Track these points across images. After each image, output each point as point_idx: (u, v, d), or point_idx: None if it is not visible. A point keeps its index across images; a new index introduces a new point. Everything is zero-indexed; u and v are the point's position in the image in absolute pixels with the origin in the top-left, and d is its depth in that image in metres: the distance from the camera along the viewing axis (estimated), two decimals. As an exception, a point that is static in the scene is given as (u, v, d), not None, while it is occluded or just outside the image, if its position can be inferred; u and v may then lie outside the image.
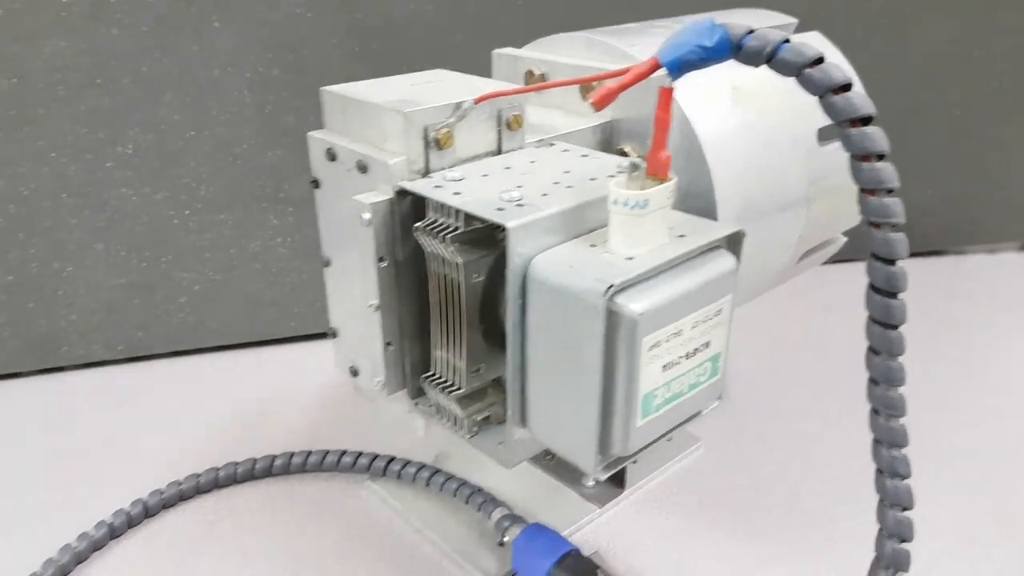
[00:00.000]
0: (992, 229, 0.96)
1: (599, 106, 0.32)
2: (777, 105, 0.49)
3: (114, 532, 0.52)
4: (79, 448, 0.62)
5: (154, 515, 0.54)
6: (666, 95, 0.32)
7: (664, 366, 0.33)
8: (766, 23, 0.57)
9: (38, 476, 0.59)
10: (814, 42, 0.57)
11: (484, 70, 0.53)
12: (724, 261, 0.35)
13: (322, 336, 0.79)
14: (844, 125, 0.30)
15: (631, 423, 0.33)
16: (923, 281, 0.88)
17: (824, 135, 0.52)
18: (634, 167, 0.32)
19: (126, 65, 0.69)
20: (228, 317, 0.77)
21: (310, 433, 0.64)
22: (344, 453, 0.57)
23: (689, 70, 0.32)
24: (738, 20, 0.56)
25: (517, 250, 0.33)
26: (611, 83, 0.32)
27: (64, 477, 0.59)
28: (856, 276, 0.33)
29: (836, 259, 0.63)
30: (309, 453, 0.58)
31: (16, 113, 0.68)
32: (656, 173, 0.33)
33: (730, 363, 0.70)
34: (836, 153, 0.52)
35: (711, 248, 0.35)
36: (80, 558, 0.50)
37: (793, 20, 0.59)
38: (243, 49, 0.70)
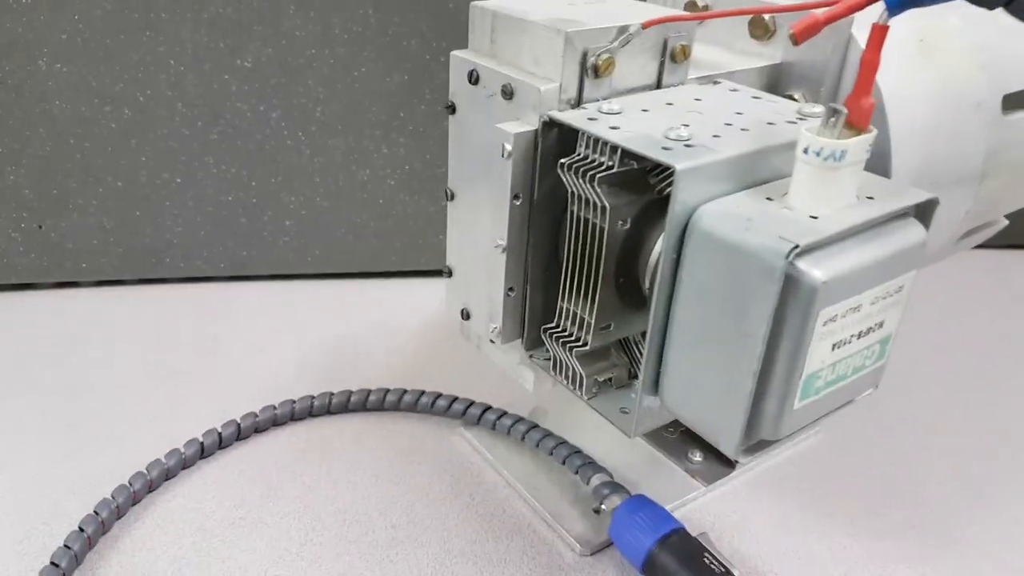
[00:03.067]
0: None
1: (801, 38, 0.28)
2: (966, 64, 0.43)
3: (204, 451, 0.51)
4: (175, 363, 0.62)
5: (245, 438, 0.54)
6: (879, 33, 0.28)
7: (835, 344, 0.29)
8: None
9: (134, 387, 0.59)
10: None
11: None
12: (913, 231, 0.30)
13: (423, 274, 0.78)
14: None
15: (787, 405, 0.30)
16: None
17: (1009, 103, 0.45)
18: (834, 112, 0.28)
19: (252, -27, 0.67)
20: (331, 245, 0.75)
21: (406, 370, 0.62)
22: (439, 396, 0.55)
23: (912, 6, 0.27)
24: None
25: (682, 197, 0.29)
26: (819, 13, 0.28)
27: (159, 391, 0.59)
28: (1004, 265, 0.28)
29: (983, 245, 0.57)
30: (404, 392, 0.56)
31: (139, 16, 0.67)
32: (855, 122, 0.28)
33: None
34: (1019, 124, 0.46)
35: (899, 216, 0.31)
36: (169, 475, 0.50)
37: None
38: (372, -35, 0.67)
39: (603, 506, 0.46)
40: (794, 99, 0.41)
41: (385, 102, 0.72)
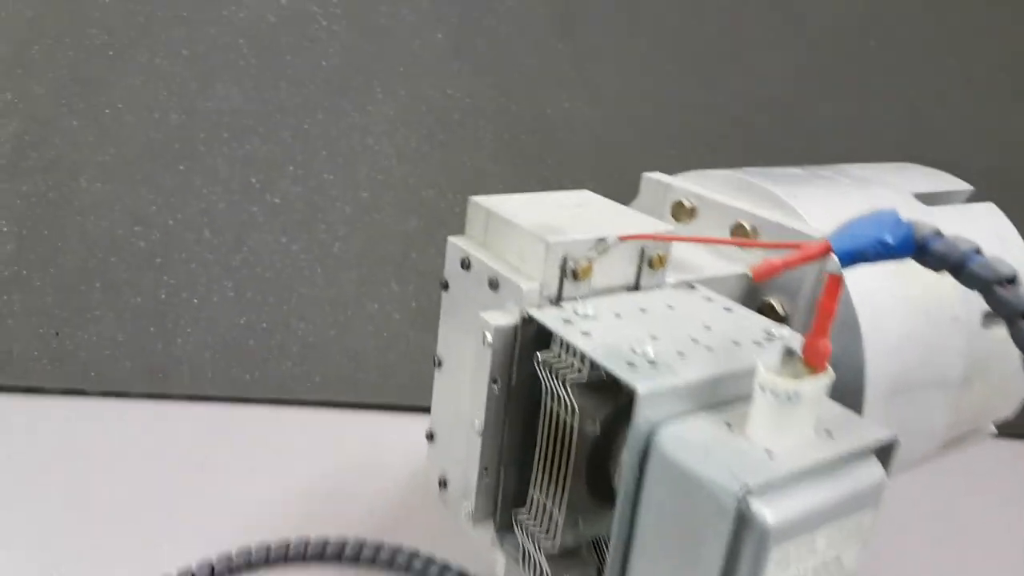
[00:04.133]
0: None
1: (759, 278, 0.30)
2: (939, 282, 0.45)
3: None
4: (166, 484, 0.63)
5: None
6: (834, 283, 0.29)
7: (788, 579, 0.29)
8: (937, 187, 0.53)
9: (121, 504, 0.60)
10: (989, 216, 0.52)
11: (628, 179, 0.51)
12: (871, 472, 0.31)
13: (419, 410, 0.79)
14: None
15: (740, 636, 0.29)
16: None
17: (989, 320, 0.47)
18: (789, 352, 0.29)
19: (288, 119, 0.72)
20: (333, 373, 0.77)
21: (391, 516, 0.62)
22: (415, 555, 0.55)
23: (863, 262, 0.29)
24: (907, 181, 0.52)
25: (644, 415, 0.30)
26: (776, 259, 0.29)
27: (146, 511, 0.60)
28: (1003, 455, 0.28)
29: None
30: (379, 547, 0.55)
31: (179, 147, 0.72)
32: (812, 363, 0.29)
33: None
34: (999, 338, 0.47)
35: (859, 454, 0.31)
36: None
37: (967, 187, 0.54)
38: (399, 122, 0.72)
39: None
40: (772, 306, 0.42)
41: (399, 242, 0.75)
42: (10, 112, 0.70)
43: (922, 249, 0.28)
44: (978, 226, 0.51)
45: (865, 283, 0.41)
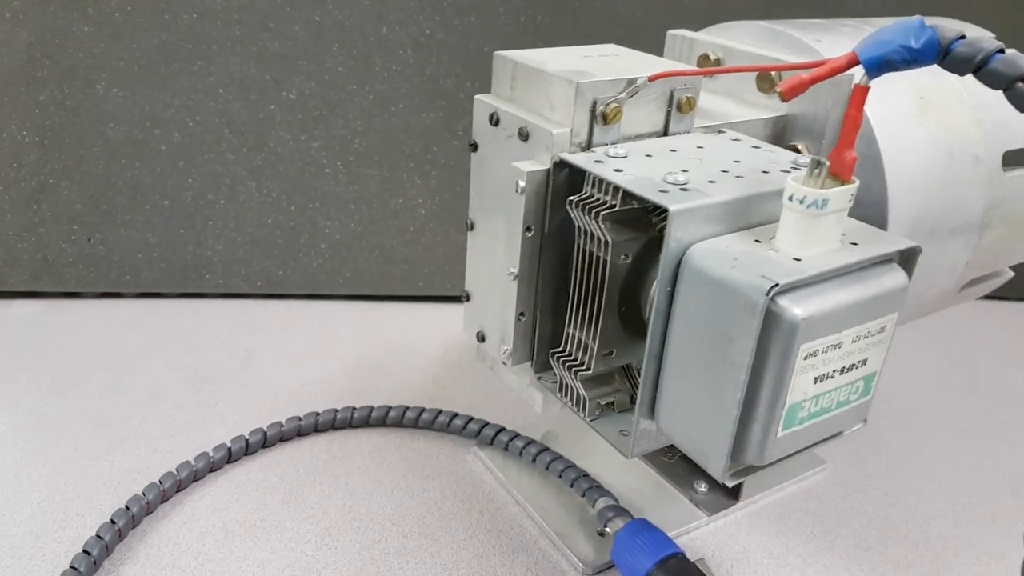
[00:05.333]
0: None
1: (788, 96, 0.31)
2: (964, 121, 0.45)
3: (232, 456, 0.55)
4: (209, 373, 0.66)
5: (271, 446, 0.57)
6: (860, 93, 0.30)
7: (816, 378, 0.31)
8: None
9: (169, 393, 0.63)
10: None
11: (656, 51, 0.51)
12: (895, 276, 0.32)
13: (447, 299, 0.81)
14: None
15: (771, 432, 0.32)
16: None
17: (1009, 160, 0.47)
18: (817, 163, 0.30)
19: (300, 12, 0.71)
20: (362, 268, 0.79)
21: (426, 390, 0.65)
22: (456, 415, 0.58)
23: (889, 70, 0.30)
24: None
25: (676, 235, 0.32)
26: (804, 74, 0.30)
27: (192, 398, 0.62)
28: (1014, 316, 0.30)
29: (996, 295, 0.59)
30: (423, 410, 0.58)
31: (192, 47, 0.72)
32: (839, 173, 0.31)
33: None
34: (1020, 180, 0.48)
35: (883, 261, 0.33)
36: (197, 476, 0.53)
37: (989, 35, 0.54)
38: (412, 9, 0.71)
39: (607, 528, 0.48)
40: (797, 149, 0.43)
41: (420, 137, 0.75)
42: (21, 22, 0.70)
43: (946, 52, 0.29)
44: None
45: (890, 122, 0.42)
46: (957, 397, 0.67)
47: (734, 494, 0.53)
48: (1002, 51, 0.28)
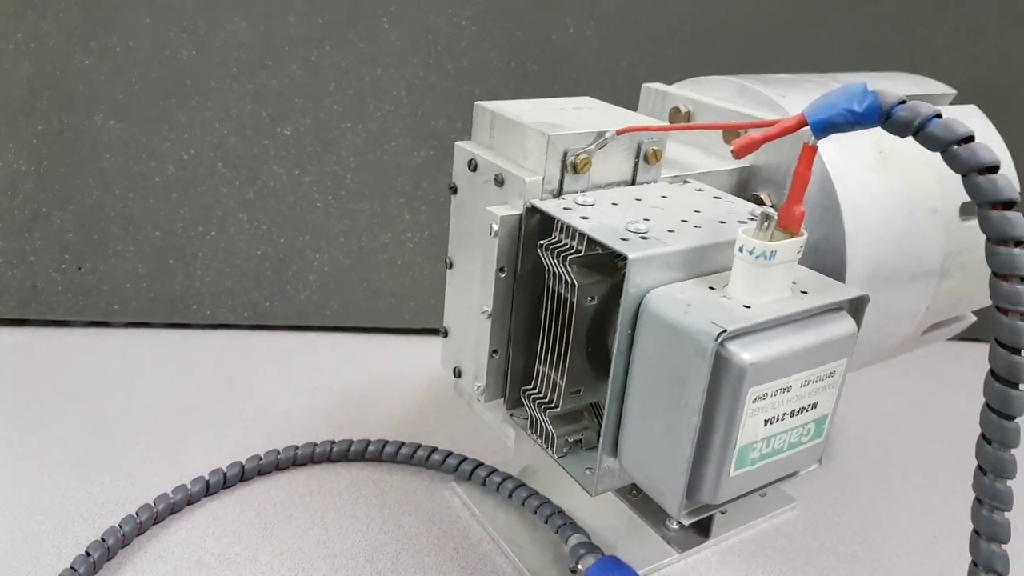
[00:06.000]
0: None
1: (740, 154, 0.32)
2: (921, 173, 0.48)
3: (209, 489, 0.55)
4: (191, 403, 0.67)
5: (249, 479, 0.57)
6: (809, 152, 0.32)
7: (767, 420, 0.33)
8: (923, 91, 0.55)
9: (149, 423, 0.64)
10: (969, 117, 0.55)
11: (630, 102, 0.53)
12: (844, 324, 0.34)
13: (433, 332, 0.82)
14: (984, 207, 0.29)
15: (724, 472, 0.33)
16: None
17: (966, 210, 0.49)
18: (766, 217, 0.32)
19: (297, 52, 0.74)
20: (349, 301, 0.81)
21: (406, 424, 0.66)
22: (434, 450, 0.59)
23: (835, 132, 0.32)
24: (895, 86, 0.55)
25: (635, 281, 0.34)
26: (755, 133, 0.32)
27: (173, 429, 0.63)
28: (984, 357, 0.32)
29: (966, 336, 0.60)
30: (401, 444, 0.60)
31: (191, 83, 0.74)
32: (788, 226, 0.32)
33: (841, 428, 0.68)
34: (976, 229, 0.50)
35: (832, 309, 0.34)
36: (174, 508, 0.53)
37: (951, 91, 0.56)
38: (406, 52, 0.74)
39: (579, 566, 0.49)
40: (760, 199, 0.45)
41: (411, 174, 0.78)
42: (22, 53, 0.73)
43: (888, 116, 0.31)
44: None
45: (850, 174, 0.44)
46: (927, 438, 0.68)
47: (704, 531, 0.54)
48: (939, 116, 0.30)
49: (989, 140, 0.54)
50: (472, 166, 0.43)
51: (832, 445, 0.67)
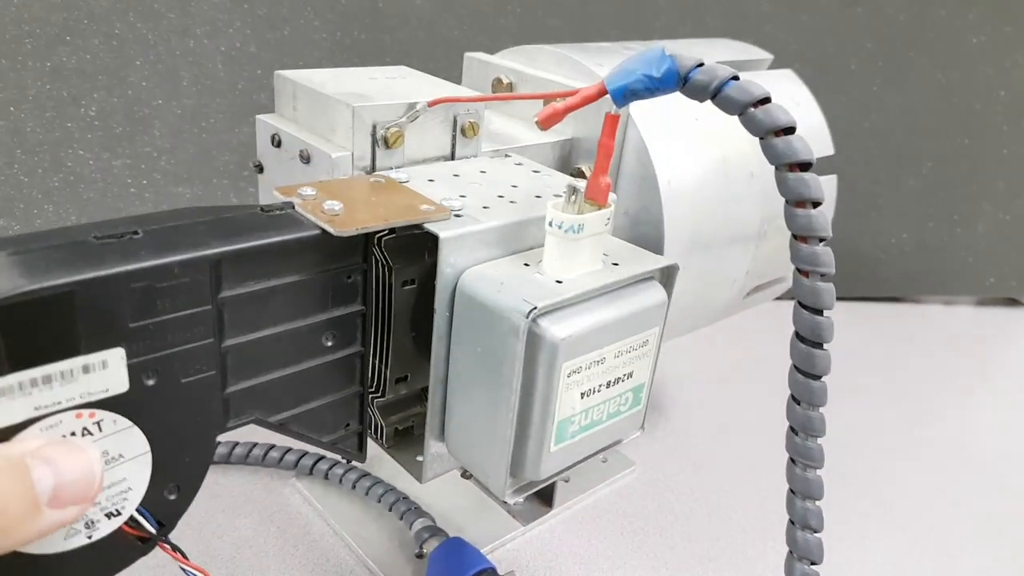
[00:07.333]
0: (950, 282, 0.97)
1: (545, 125, 0.32)
2: (738, 140, 0.49)
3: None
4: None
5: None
6: (611, 121, 0.32)
7: (583, 393, 0.33)
8: (739, 57, 0.57)
9: None
10: (786, 80, 0.57)
11: (459, 71, 0.52)
12: (654, 293, 0.34)
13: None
14: (782, 168, 0.29)
15: (544, 448, 0.33)
16: (880, 327, 0.89)
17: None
18: (572, 190, 0.31)
19: (98, 25, 0.67)
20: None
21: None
22: (272, 447, 0.56)
23: (635, 99, 0.31)
24: (713, 52, 0.56)
25: (449, 260, 0.33)
26: (558, 103, 0.32)
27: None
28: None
29: (785, 297, 0.64)
30: (235, 444, 0.56)
31: (-23, 62, 0.66)
32: (595, 198, 0.32)
33: (673, 390, 0.70)
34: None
35: (644, 279, 0.35)
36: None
37: (768, 56, 0.59)
38: (222, 22, 0.69)
39: (424, 550, 0.48)
40: (583, 171, 0.45)
41: (234, 153, 0.73)
42: None
43: (684, 80, 0.31)
44: (776, 90, 0.56)
45: (666, 144, 0.45)
46: (758, 396, 0.72)
47: (548, 501, 0.55)
48: (736, 78, 0.31)
49: (803, 103, 0.56)
50: (276, 141, 0.40)
51: (667, 408, 0.69)
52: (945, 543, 0.56)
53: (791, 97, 0.56)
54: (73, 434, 0.25)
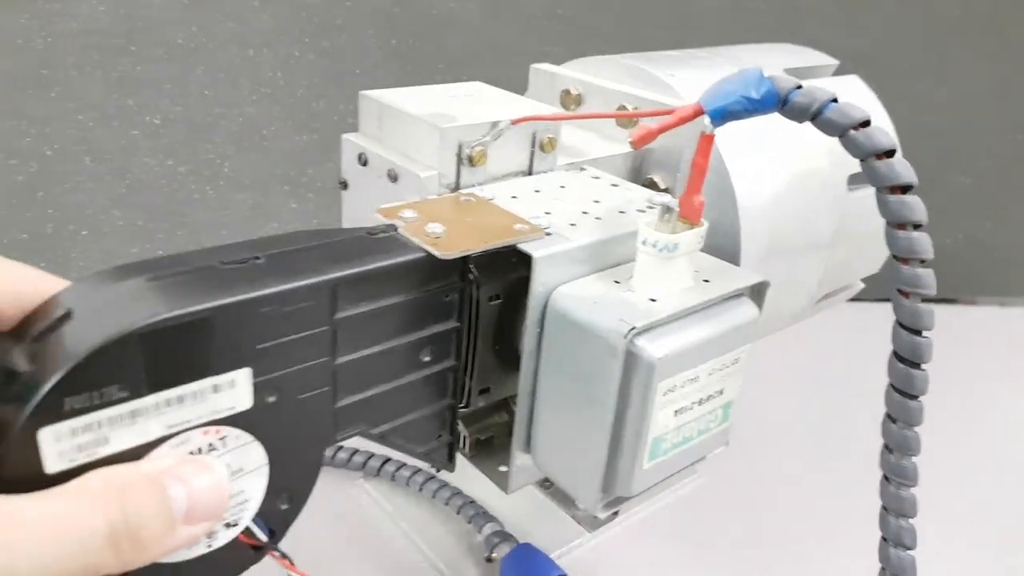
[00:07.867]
0: (1005, 282, 0.95)
1: (638, 145, 0.32)
2: (811, 148, 0.49)
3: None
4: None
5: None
6: (706, 142, 0.32)
7: (676, 411, 0.33)
8: (804, 63, 0.56)
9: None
10: (852, 87, 0.56)
11: (517, 78, 0.52)
12: (746, 310, 0.35)
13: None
14: (883, 191, 0.30)
15: (638, 464, 0.33)
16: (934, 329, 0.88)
17: (854, 180, 0.51)
18: (667, 209, 0.32)
19: (161, 35, 0.69)
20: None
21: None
22: (340, 448, 0.57)
23: (732, 119, 0.32)
24: (780, 58, 0.56)
25: (541, 279, 0.33)
26: (652, 123, 0.32)
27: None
28: (876, 317, 0.33)
29: (856, 298, 0.63)
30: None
31: (48, 73, 0.68)
32: (688, 217, 0.32)
33: (740, 398, 0.70)
34: (864, 199, 0.52)
35: (734, 296, 0.35)
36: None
37: (833, 62, 0.58)
38: (279, 31, 0.70)
39: (494, 554, 0.49)
40: (654, 181, 0.45)
41: (294, 159, 0.74)
42: None
43: (784, 102, 0.31)
44: (842, 96, 0.55)
45: (741, 154, 0.45)
46: (826, 406, 0.71)
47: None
48: (835, 100, 0.31)
49: (872, 110, 0.56)
50: (363, 160, 0.41)
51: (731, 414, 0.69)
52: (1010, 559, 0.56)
53: (858, 103, 0.56)
54: (200, 450, 0.26)
